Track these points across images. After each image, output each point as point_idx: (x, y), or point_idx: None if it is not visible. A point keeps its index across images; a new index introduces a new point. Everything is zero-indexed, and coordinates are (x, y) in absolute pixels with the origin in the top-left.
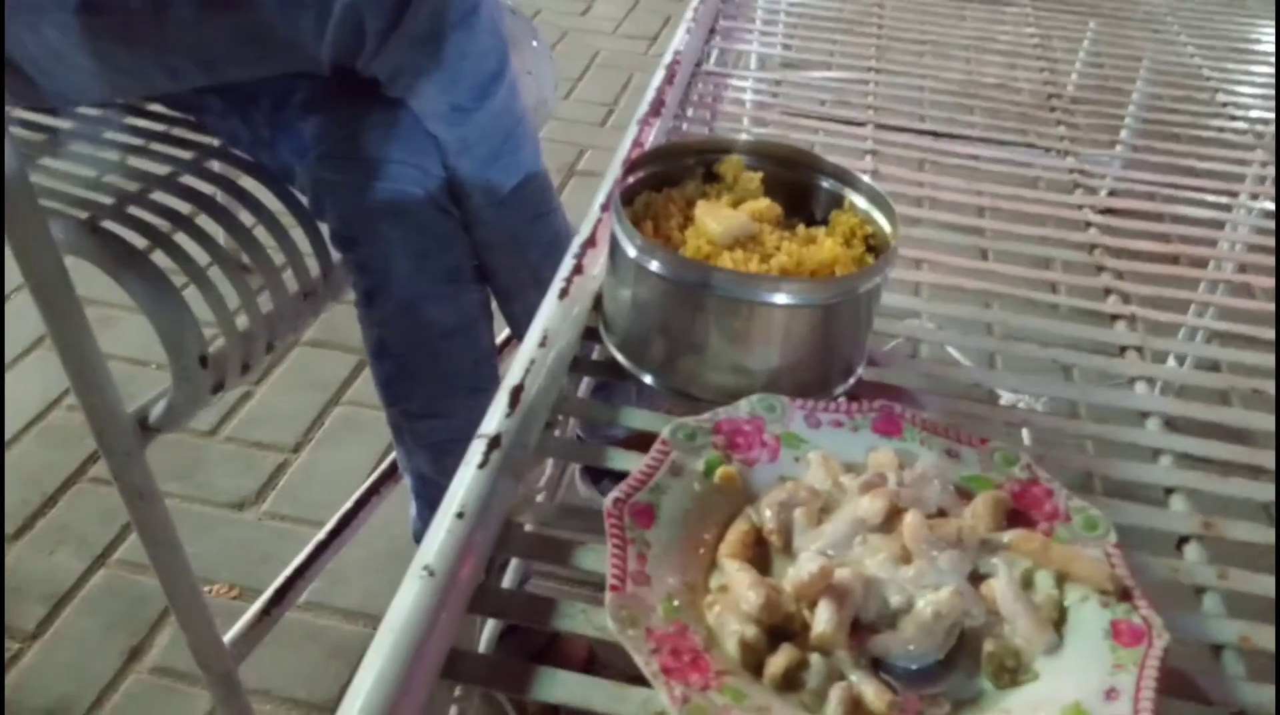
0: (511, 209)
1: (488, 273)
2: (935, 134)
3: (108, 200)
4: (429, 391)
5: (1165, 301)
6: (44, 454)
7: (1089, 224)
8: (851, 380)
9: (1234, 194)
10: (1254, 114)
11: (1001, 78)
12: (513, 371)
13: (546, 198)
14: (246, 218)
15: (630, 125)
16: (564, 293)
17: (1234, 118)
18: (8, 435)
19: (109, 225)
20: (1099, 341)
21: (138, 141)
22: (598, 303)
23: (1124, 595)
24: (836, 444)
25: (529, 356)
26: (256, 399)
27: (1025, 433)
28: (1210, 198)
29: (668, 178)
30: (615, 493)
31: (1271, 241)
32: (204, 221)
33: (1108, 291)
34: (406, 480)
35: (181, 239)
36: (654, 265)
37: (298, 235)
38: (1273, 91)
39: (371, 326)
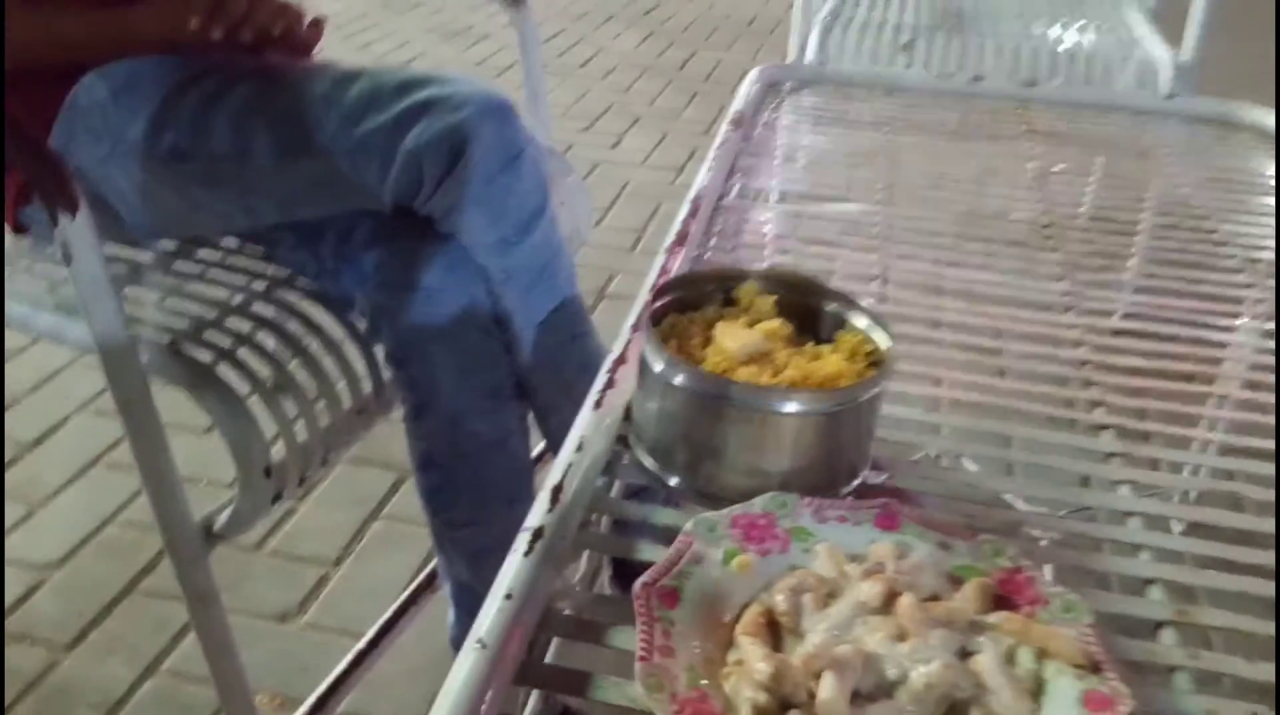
0: (549, 331)
1: (527, 390)
2: (940, 260)
3: (186, 325)
4: (470, 501)
5: (1150, 413)
6: (98, 567)
7: (1079, 343)
8: (856, 481)
9: (1234, 317)
10: (1246, 243)
11: (1001, 209)
12: (553, 473)
13: (581, 320)
14: (308, 339)
15: (658, 254)
16: (598, 404)
17: (1226, 244)
18: (66, 548)
19: (187, 347)
20: (1086, 449)
21: (213, 271)
22: (628, 413)
23: (1096, 668)
24: (841, 537)
25: (567, 460)
26: (300, 514)
27: (1022, 530)
28: (1203, 320)
29: (691, 302)
30: (644, 578)
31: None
32: (271, 343)
33: (1094, 404)
34: (446, 588)
35: (250, 359)
36: (678, 379)
37: (353, 355)
38: (1269, 226)
39: (418, 440)
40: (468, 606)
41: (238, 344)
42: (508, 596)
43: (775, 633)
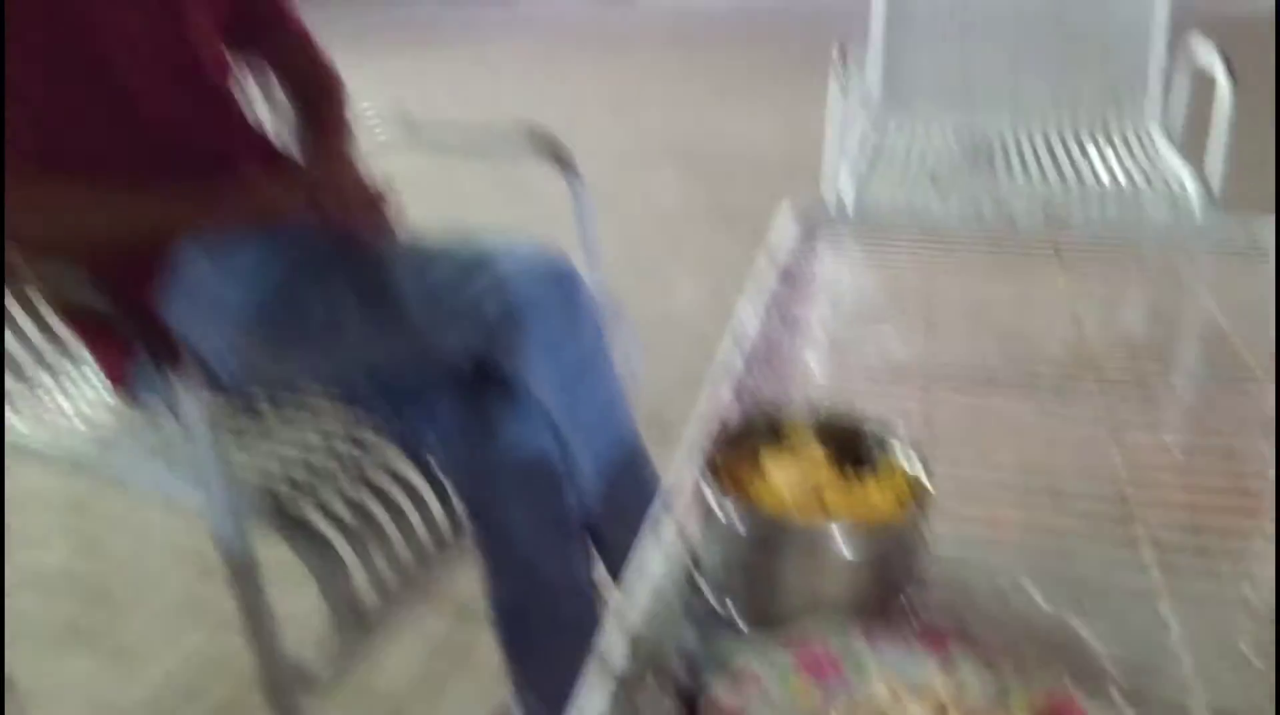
0: (612, 470)
1: (590, 524)
2: (979, 392)
3: (278, 472)
4: (545, 643)
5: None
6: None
7: (1118, 468)
8: (905, 606)
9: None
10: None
11: (1038, 340)
12: (621, 610)
13: (640, 457)
14: (390, 487)
15: (710, 394)
16: (659, 541)
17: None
18: (150, 690)
19: (280, 495)
20: (1123, 565)
21: (300, 421)
22: (689, 548)
23: None
24: (894, 662)
25: (636, 597)
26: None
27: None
28: (1239, 445)
29: (743, 438)
30: (710, 702)
31: None
32: (356, 490)
33: (1133, 520)
34: None
35: (337, 505)
36: (736, 519)
37: (431, 499)
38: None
39: (494, 584)
40: None
41: (326, 492)
42: None
43: None
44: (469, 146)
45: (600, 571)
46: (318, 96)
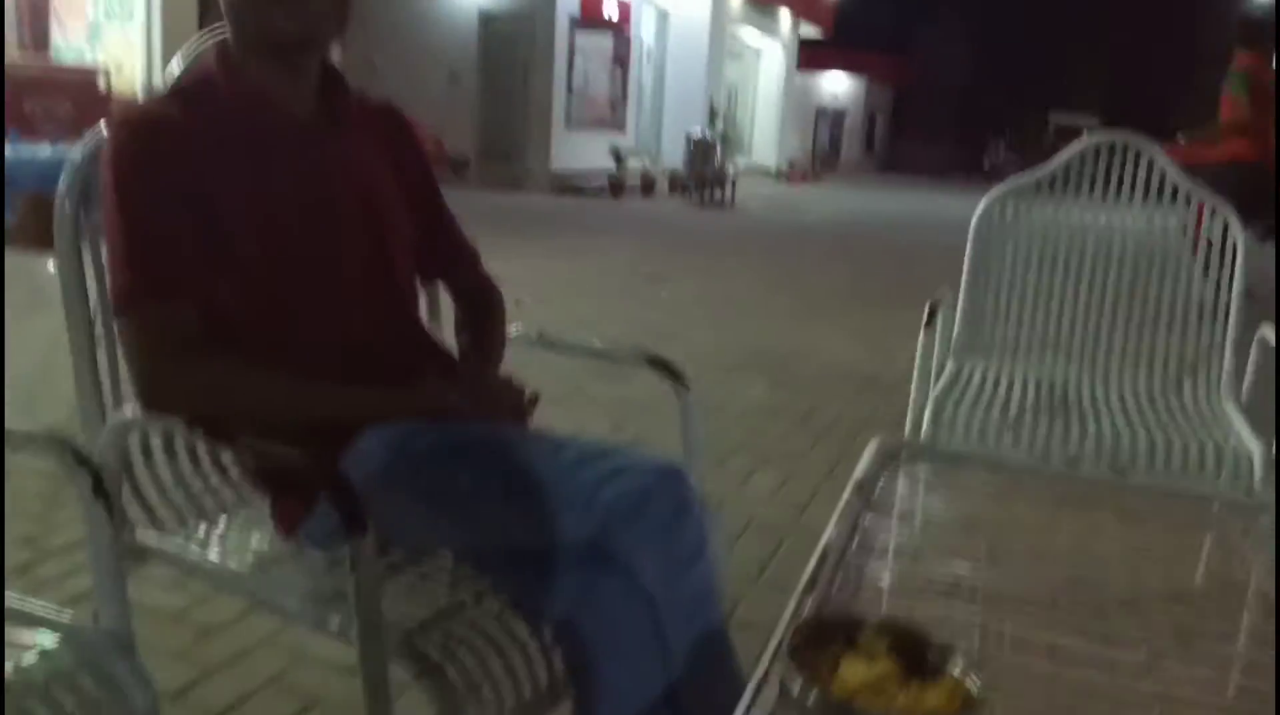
0: (701, 654)
1: (675, 701)
2: (1033, 621)
3: (415, 621)
4: None
5: None
6: None
7: (1151, 708)
8: None
9: None
10: None
11: (1090, 581)
12: None
13: (728, 646)
14: (503, 640)
15: (797, 601)
16: None
17: None
18: None
19: (415, 638)
20: None
21: (435, 577)
22: None
23: None
24: None
25: None
26: None
27: None
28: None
29: (823, 640)
30: None
31: None
32: (477, 640)
33: None
34: None
35: (461, 653)
36: (812, 702)
37: (538, 657)
38: None
39: None
40: None
41: (451, 640)
42: None
43: None
44: (594, 357)
45: None
46: (484, 313)
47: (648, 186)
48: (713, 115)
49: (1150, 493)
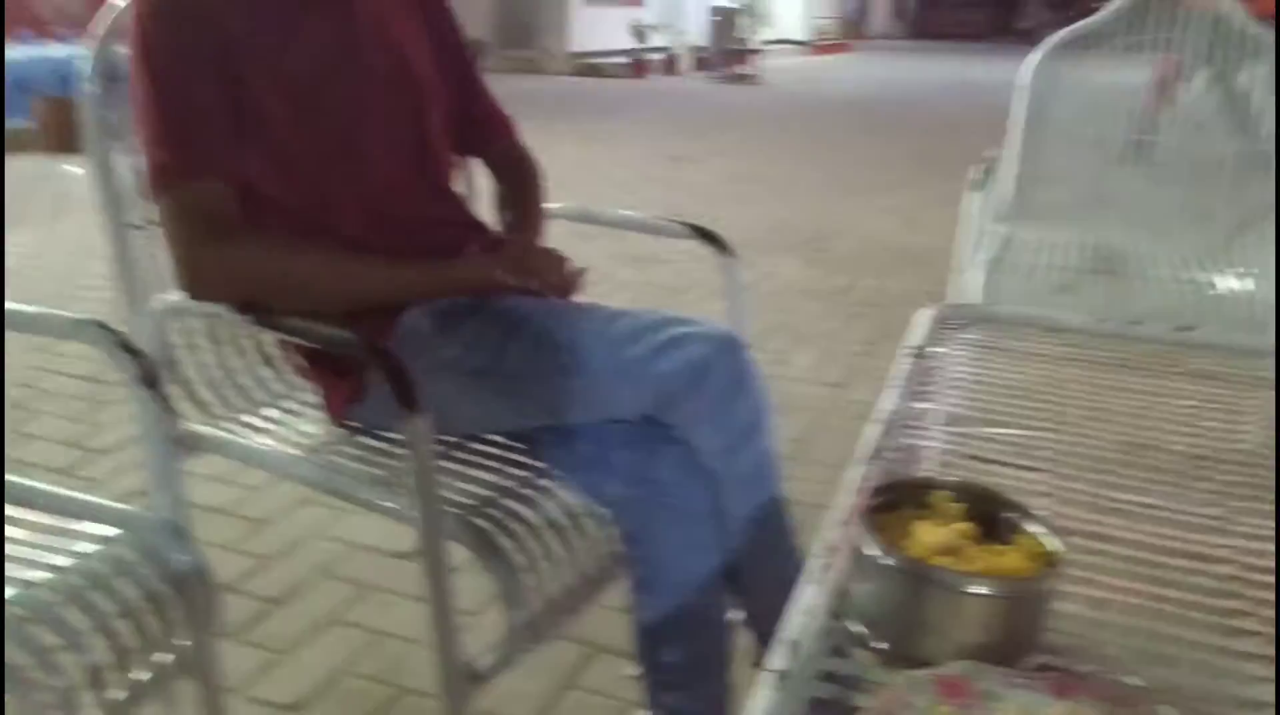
0: (759, 525)
1: (733, 573)
2: (1101, 482)
3: (473, 501)
4: (682, 665)
5: None
6: (333, 713)
7: (1228, 561)
8: (1031, 658)
9: None
10: None
11: (1158, 441)
12: (789, 629)
13: (785, 517)
14: (560, 517)
15: (857, 465)
16: (816, 580)
17: None
18: (305, 693)
19: (475, 519)
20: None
21: (488, 461)
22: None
23: None
24: (1025, 700)
25: (798, 624)
26: (503, 680)
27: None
28: None
29: (893, 503)
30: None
31: None
32: (533, 517)
33: (1242, 614)
34: None
35: (518, 529)
36: (892, 564)
37: (594, 530)
38: None
39: (642, 609)
40: None
41: (509, 518)
42: None
43: None
44: (637, 229)
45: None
46: (523, 185)
47: (671, 64)
48: None
49: (1214, 351)
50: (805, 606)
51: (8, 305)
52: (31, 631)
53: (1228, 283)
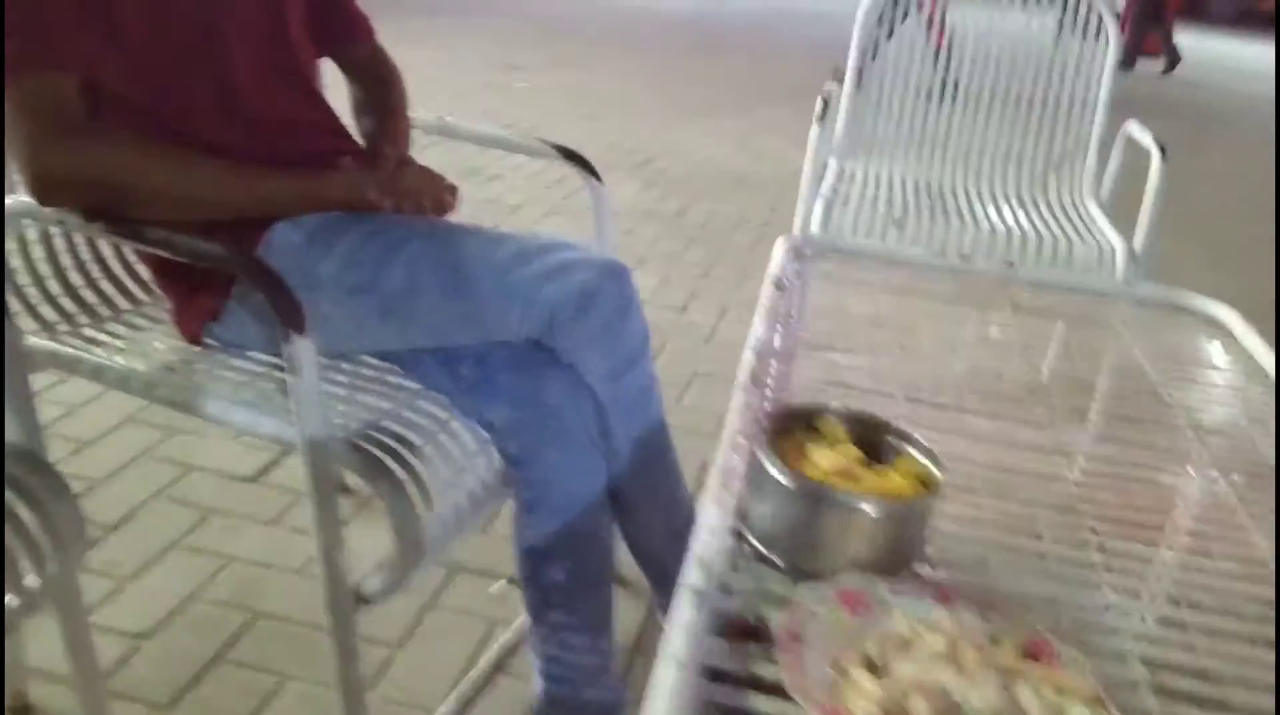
0: (643, 447)
1: (617, 493)
2: (949, 407)
3: (356, 426)
4: (566, 583)
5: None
6: (187, 639)
7: (1065, 479)
8: (915, 569)
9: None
10: (1190, 407)
11: (995, 369)
12: (698, 547)
13: (667, 439)
14: (445, 441)
15: (740, 391)
16: (715, 499)
17: (1172, 407)
18: (154, 620)
19: (362, 443)
20: (1074, 559)
21: (369, 385)
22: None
23: (1100, 703)
24: (911, 607)
25: (701, 546)
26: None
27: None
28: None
29: (784, 427)
30: (778, 625)
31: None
32: (418, 441)
33: (1079, 527)
34: (535, 661)
35: (406, 453)
36: (791, 485)
37: (479, 453)
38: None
39: (528, 530)
40: (555, 676)
41: (395, 442)
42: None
43: (872, 671)
44: (499, 147)
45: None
46: (385, 92)
47: None
48: None
49: (1039, 287)
50: (710, 526)
51: None
52: None
53: (1038, 222)
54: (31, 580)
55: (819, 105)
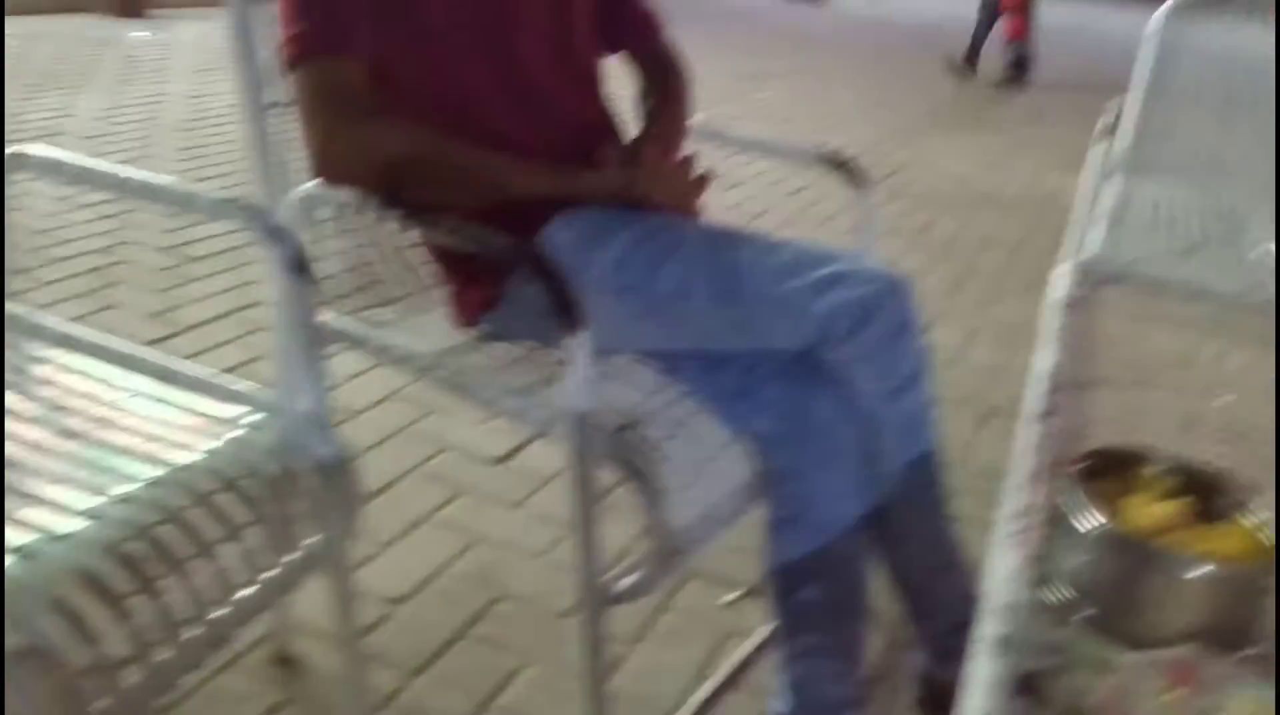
0: (912, 474)
1: (880, 519)
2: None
3: (617, 420)
4: (819, 607)
5: None
6: (435, 610)
7: None
8: (1250, 650)
9: None
10: None
11: None
12: (997, 594)
13: (938, 470)
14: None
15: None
16: (1013, 545)
17: None
18: (407, 589)
19: (621, 436)
20: None
21: (631, 381)
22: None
23: None
24: (1254, 691)
25: (998, 594)
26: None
27: None
28: None
29: (1093, 472)
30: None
31: None
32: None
33: None
34: (782, 681)
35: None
36: (1118, 537)
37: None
38: None
39: (781, 546)
40: (801, 701)
41: (656, 440)
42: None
43: None
44: (769, 154)
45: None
46: (667, 89)
47: None
48: None
49: None
50: (1008, 571)
51: (143, 176)
52: (191, 515)
53: None
54: (311, 541)
55: (1100, 122)
